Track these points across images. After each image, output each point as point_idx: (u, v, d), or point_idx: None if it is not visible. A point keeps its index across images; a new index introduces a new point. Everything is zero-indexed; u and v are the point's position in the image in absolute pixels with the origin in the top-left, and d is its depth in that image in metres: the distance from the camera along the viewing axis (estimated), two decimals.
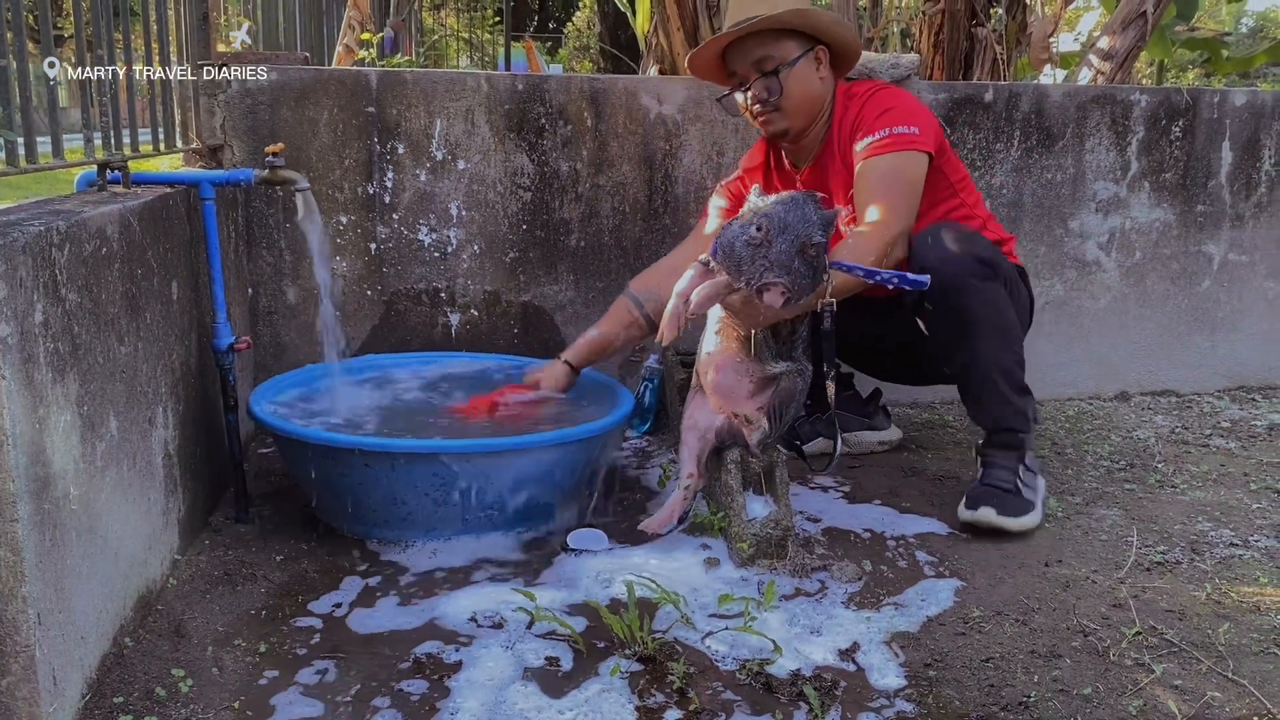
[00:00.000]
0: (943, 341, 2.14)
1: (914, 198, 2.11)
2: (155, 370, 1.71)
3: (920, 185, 2.12)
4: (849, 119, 2.20)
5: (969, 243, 2.09)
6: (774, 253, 1.78)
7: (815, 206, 1.85)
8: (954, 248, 2.07)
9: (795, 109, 2.20)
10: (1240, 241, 3.15)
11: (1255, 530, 2.11)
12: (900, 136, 2.11)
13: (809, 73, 2.20)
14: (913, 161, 2.12)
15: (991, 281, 2.09)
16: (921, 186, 2.13)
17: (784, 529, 1.88)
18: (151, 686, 1.44)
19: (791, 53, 2.18)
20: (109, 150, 1.93)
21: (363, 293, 2.66)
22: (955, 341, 2.12)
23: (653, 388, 2.66)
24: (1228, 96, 3.07)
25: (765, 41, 2.17)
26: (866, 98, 2.20)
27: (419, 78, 2.60)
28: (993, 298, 2.09)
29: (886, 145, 2.11)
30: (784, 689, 1.49)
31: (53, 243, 1.30)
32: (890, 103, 2.17)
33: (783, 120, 2.22)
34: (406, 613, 1.69)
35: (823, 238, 1.82)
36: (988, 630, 1.68)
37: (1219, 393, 3.19)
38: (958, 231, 2.12)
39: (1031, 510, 2.10)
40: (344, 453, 1.87)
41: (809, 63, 2.20)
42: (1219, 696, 1.49)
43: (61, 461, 1.31)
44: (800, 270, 1.79)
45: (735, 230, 1.85)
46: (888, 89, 2.23)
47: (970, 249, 2.08)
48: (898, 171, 2.10)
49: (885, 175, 2.10)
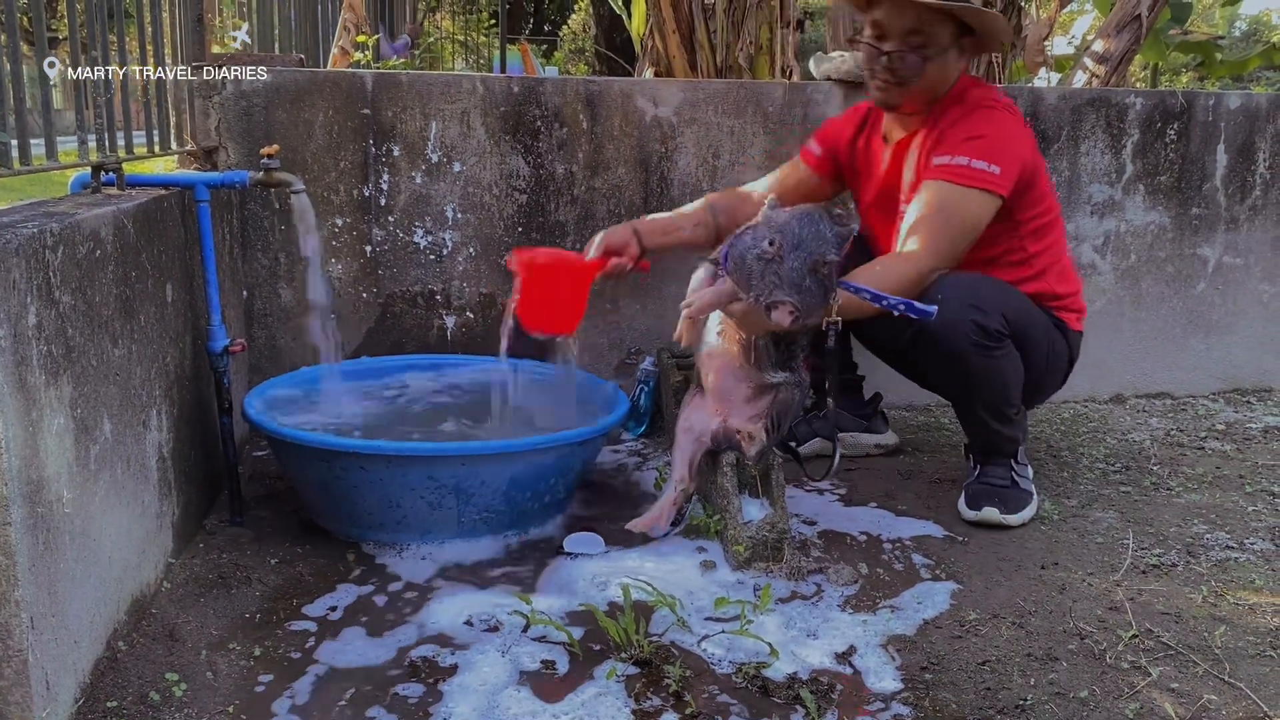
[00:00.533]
0: (934, 386, 2.16)
1: (962, 239, 2.02)
2: (149, 373, 1.70)
3: (978, 228, 2.03)
4: (946, 120, 2.11)
5: (978, 310, 1.99)
6: (785, 269, 1.73)
7: (830, 224, 1.80)
8: (961, 313, 1.98)
9: (919, 93, 2.11)
10: (1235, 244, 3.15)
11: (1251, 533, 2.11)
12: (976, 172, 2.01)
13: (950, 61, 2.10)
14: (977, 202, 2.01)
15: (996, 353, 2.01)
16: (979, 229, 2.03)
17: (780, 532, 1.87)
18: (145, 691, 1.43)
19: (944, 38, 2.06)
20: (103, 152, 1.93)
21: (358, 295, 2.65)
22: (947, 391, 2.14)
23: (648, 390, 2.66)
24: (1222, 99, 3.08)
25: (929, 17, 2.04)
26: (970, 109, 2.09)
27: (414, 80, 2.60)
28: (994, 369, 2.03)
29: (958, 175, 2.01)
30: (780, 692, 1.49)
31: (46, 245, 1.30)
32: (986, 129, 2.05)
33: (900, 97, 2.12)
34: (401, 616, 1.68)
35: (836, 256, 1.77)
36: (984, 633, 1.67)
37: (1214, 395, 3.20)
38: (976, 292, 2.01)
39: (1030, 501, 2.16)
40: (339, 455, 1.86)
41: (954, 51, 2.10)
42: (1215, 699, 1.49)
43: (55, 465, 1.30)
44: (811, 289, 1.74)
45: (747, 242, 1.80)
46: (993, 109, 2.10)
47: (975, 318, 1.98)
48: (956, 208, 2.01)
49: (942, 207, 2.01)
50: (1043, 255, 2.19)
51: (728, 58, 3.67)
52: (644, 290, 2.77)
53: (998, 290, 2.06)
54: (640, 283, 2.18)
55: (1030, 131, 2.15)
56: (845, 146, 2.33)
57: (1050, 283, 2.20)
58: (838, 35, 5.10)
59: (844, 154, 2.34)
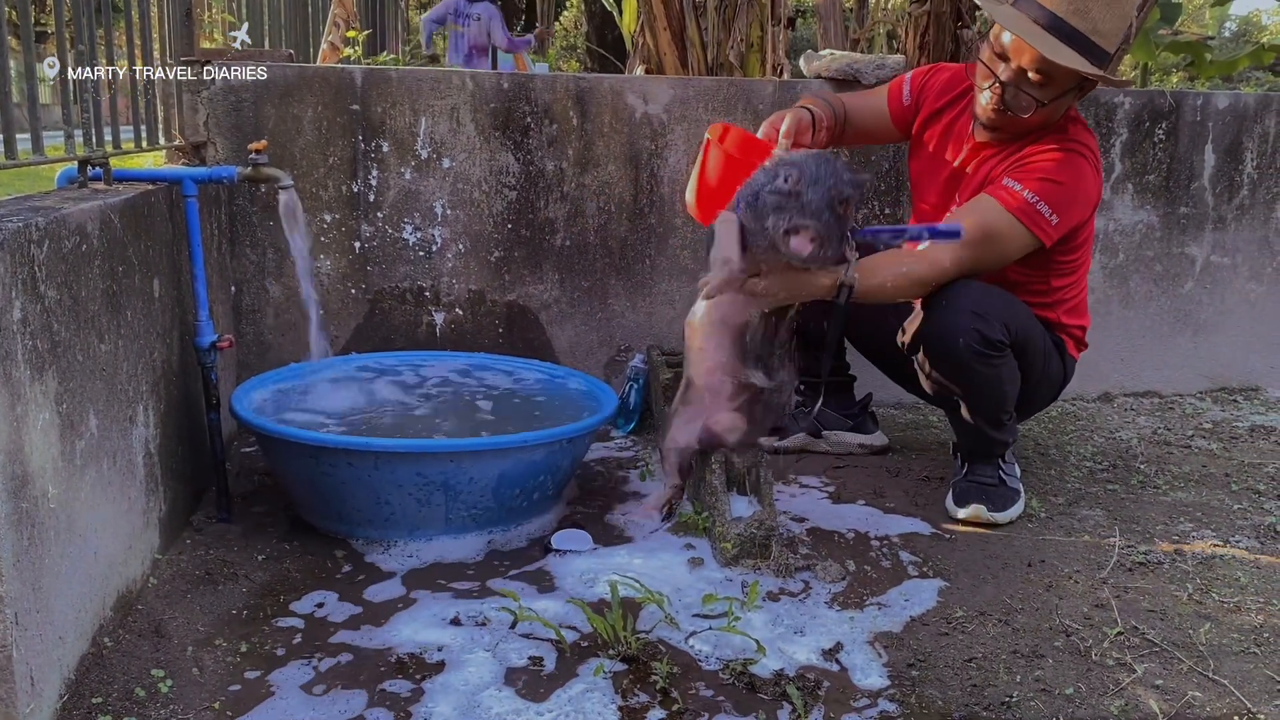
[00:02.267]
0: (932, 386, 2.13)
1: (990, 264, 2.01)
2: (136, 368, 1.70)
3: (1007, 259, 2.02)
4: (1036, 148, 2.05)
5: (983, 319, 1.97)
6: (805, 201, 1.71)
7: (846, 167, 1.79)
8: (967, 320, 1.97)
9: (1026, 127, 2.05)
10: (1222, 243, 3.17)
11: (1236, 531, 2.12)
12: (1036, 213, 1.97)
13: (1065, 104, 2.05)
14: (1020, 238, 1.99)
15: (995, 361, 2.01)
16: (1008, 261, 2.03)
17: (768, 529, 1.88)
18: (131, 687, 1.43)
19: (1067, 84, 2.00)
20: (90, 147, 1.92)
21: (347, 291, 2.64)
22: (945, 394, 2.12)
23: (638, 388, 2.66)
24: (1211, 99, 3.09)
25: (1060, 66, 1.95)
26: (1063, 147, 2.03)
27: (404, 76, 2.59)
28: (992, 377, 2.03)
29: (1019, 206, 1.98)
30: (767, 689, 1.49)
31: (32, 239, 1.29)
32: (1065, 176, 2.00)
33: (1004, 126, 2.06)
34: (389, 613, 1.68)
35: (854, 193, 1.75)
36: (971, 630, 1.68)
37: (1201, 394, 3.21)
38: (981, 300, 1.99)
39: (1018, 499, 2.16)
40: (327, 452, 1.86)
41: (1073, 96, 2.05)
42: (1200, 696, 1.49)
43: (40, 460, 1.30)
44: (830, 222, 1.72)
45: (760, 180, 1.77)
46: (1085, 161, 2.04)
47: (978, 327, 1.97)
48: (999, 234, 1.98)
49: (988, 230, 1.98)
50: (1063, 290, 2.19)
51: (719, 55, 3.67)
52: (634, 288, 2.77)
53: (1003, 301, 2.04)
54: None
55: (1100, 181, 2.10)
56: (930, 113, 2.25)
57: (1060, 314, 2.20)
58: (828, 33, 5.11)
59: (926, 116, 2.26)
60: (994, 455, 2.18)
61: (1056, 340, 2.20)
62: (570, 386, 2.35)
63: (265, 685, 1.46)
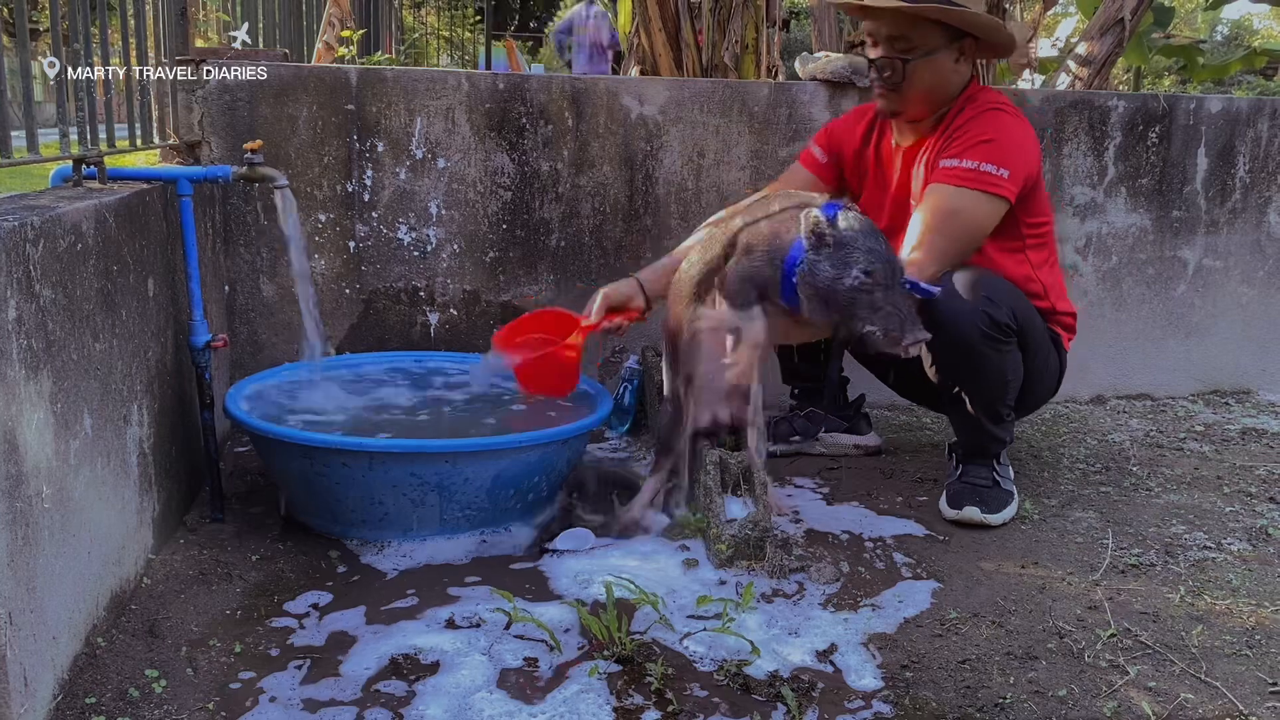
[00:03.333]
0: (938, 375, 2.12)
1: (966, 244, 2.04)
2: (130, 367, 1.69)
3: (983, 231, 2.05)
4: (955, 124, 2.11)
5: (991, 303, 1.99)
6: (891, 299, 1.75)
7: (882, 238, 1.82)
8: (974, 304, 1.99)
9: (915, 97, 2.11)
10: (1215, 247, 3.18)
11: (1228, 533, 2.13)
12: (984, 175, 2.01)
13: (943, 65, 2.09)
14: (985, 206, 2.02)
15: (1002, 347, 2.02)
16: (984, 233, 2.05)
17: (762, 530, 1.88)
18: (124, 687, 1.42)
19: (932, 42, 2.07)
20: (85, 145, 1.91)
21: (341, 291, 2.64)
22: (950, 382, 2.11)
23: (632, 389, 2.66)
24: (1203, 103, 3.10)
25: (907, 22, 2.06)
26: (980, 113, 2.09)
27: (399, 76, 2.59)
28: (998, 363, 2.04)
29: (966, 178, 2.02)
30: (762, 690, 1.49)
31: (27, 238, 1.29)
32: (996, 133, 2.05)
33: (897, 103, 2.13)
34: (383, 613, 1.68)
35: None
36: (964, 632, 1.68)
37: (1193, 396, 3.22)
38: (987, 285, 2.02)
39: (1012, 500, 2.17)
40: (321, 452, 1.86)
41: (947, 55, 2.09)
42: (1192, 698, 1.50)
43: (34, 459, 1.29)
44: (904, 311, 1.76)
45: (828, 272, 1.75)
46: (1004, 113, 2.10)
47: (988, 310, 1.98)
48: (962, 211, 2.02)
49: (949, 211, 2.01)
50: (1043, 269, 2.21)
51: (713, 56, 3.67)
52: None
53: (1008, 289, 2.07)
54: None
55: (1030, 128, 2.14)
56: (852, 153, 2.32)
57: (1053, 301, 2.23)
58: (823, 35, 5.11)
59: (850, 159, 2.33)
60: (990, 454, 2.19)
61: (1052, 333, 2.22)
62: None
63: (259, 686, 1.46)
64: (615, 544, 1.96)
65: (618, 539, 1.98)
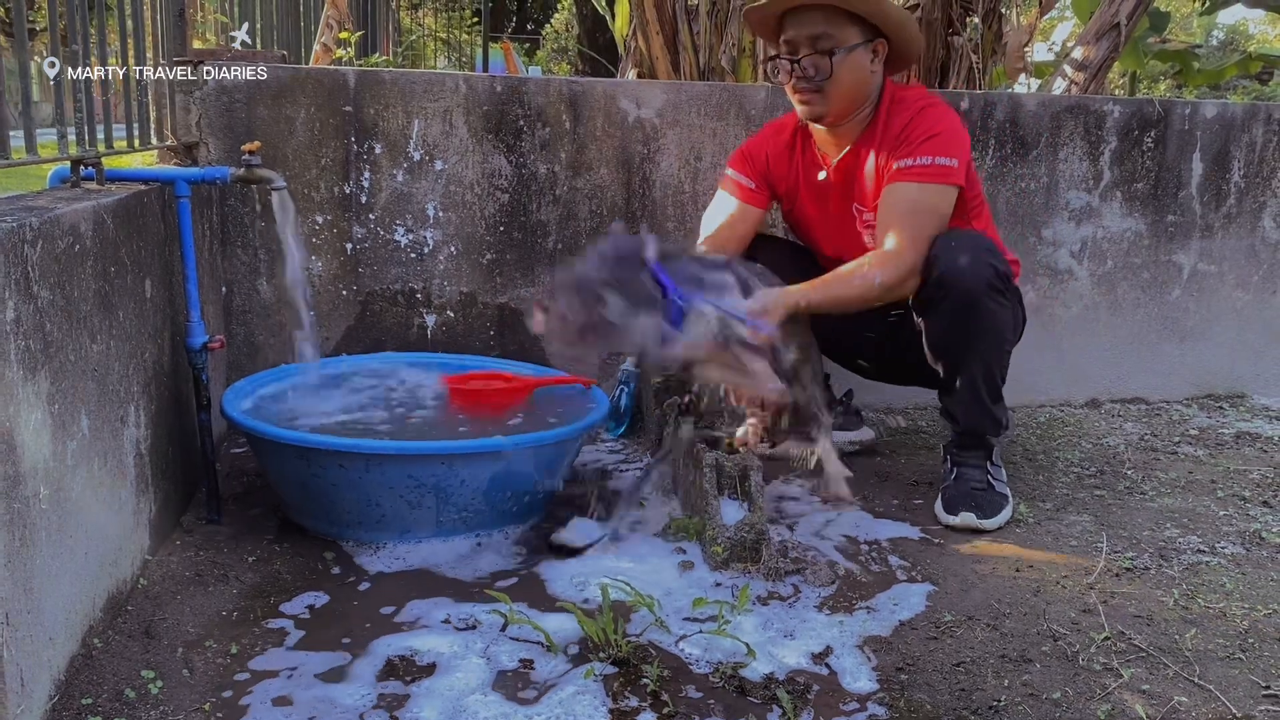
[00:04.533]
0: (939, 342, 2.15)
1: (934, 233, 2.11)
2: (128, 369, 1.70)
3: (945, 220, 2.14)
4: (895, 127, 2.17)
5: (991, 255, 2.08)
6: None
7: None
8: (977, 257, 2.06)
9: (839, 96, 2.16)
10: (1209, 251, 3.19)
11: (1222, 537, 2.13)
12: (941, 169, 2.11)
13: (862, 63, 2.15)
14: (944, 196, 2.13)
15: (1003, 298, 2.10)
16: (946, 220, 2.14)
17: (758, 533, 1.88)
18: (121, 688, 1.42)
19: (851, 39, 2.14)
20: (83, 146, 1.91)
21: (338, 293, 2.64)
22: (952, 346, 2.14)
23: (629, 391, 2.66)
24: (1199, 108, 3.11)
25: (829, 19, 2.12)
26: (917, 111, 2.17)
27: (397, 78, 2.59)
28: (1001, 314, 2.10)
29: (925, 174, 2.11)
30: (757, 692, 1.50)
31: (25, 239, 1.29)
32: (938, 126, 2.15)
33: (822, 104, 2.17)
34: (380, 615, 1.68)
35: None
36: (959, 634, 1.69)
37: (1187, 400, 3.23)
38: (981, 241, 2.11)
39: (1006, 504, 2.18)
40: (317, 453, 1.86)
41: (865, 53, 2.15)
42: (1185, 701, 1.51)
43: (31, 460, 1.29)
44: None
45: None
46: (937, 107, 2.19)
47: (992, 262, 2.07)
48: (928, 205, 2.12)
49: (916, 206, 2.11)
50: (988, 230, 2.29)
51: (710, 60, 3.68)
52: None
53: (990, 241, 2.16)
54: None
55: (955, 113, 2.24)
56: (781, 171, 2.35)
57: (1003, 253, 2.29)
58: None
59: (779, 176, 2.36)
60: (987, 444, 2.21)
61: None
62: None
63: (255, 687, 1.46)
64: (612, 546, 1.96)
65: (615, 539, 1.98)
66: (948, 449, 2.27)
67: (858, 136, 2.23)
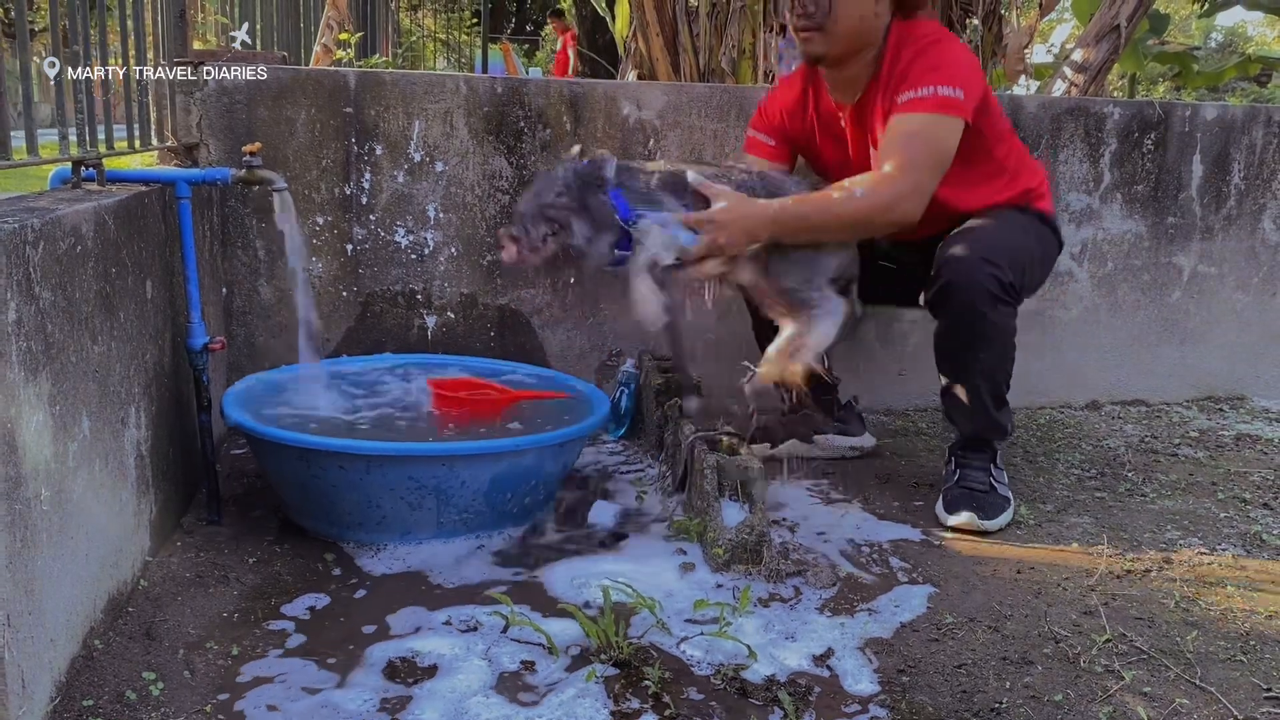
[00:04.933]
0: (944, 346, 2.16)
1: (937, 160, 2.05)
2: (128, 370, 1.69)
3: (949, 152, 2.07)
4: (901, 64, 2.11)
5: (995, 264, 2.05)
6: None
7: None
8: (979, 266, 2.04)
9: (841, 34, 2.10)
10: (1210, 253, 3.19)
11: (1223, 539, 2.13)
12: (942, 99, 2.04)
13: (864, 1, 2.10)
14: (946, 126, 2.05)
15: (1009, 307, 2.09)
16: (950, 154, 2.07)
17: (759, 534, 1.88)
18: (122, 689, 1.42)
19: None
20: (84, 147, 1.91)
21: (338, 294, 2.64)
22: (956, 352, 2.14)
23: (629, 392, 2.66)
24: (1199, 110, 3.11)
25: None
26: (922, 48, 2.10)
27: (397, 79, 2.59)
28: (1005, 324, 2.10)
29: (923, 104, 2.05)
30: (759, 694, 1.49)
31: (27, 240, 1.29)
32: (943, 58, 2.08)
33: (823, 43, 2.12)
34: (380, 617, 1.68)
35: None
36: (960, 636, 1.69)
37: (1188, 403, 3.23)
38: (984, 246, 2.08)
39: (1008, 506, 2.18)
40: (317, 455, 1.86)
41: None
42: (1187, 703, 1.50)
43: (33, 461, 1.29)
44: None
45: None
46: (945, 41, 2.13)
47: (994, 272, 2.04)
48: (927, 134, 2.05)
49: (913, 134, 2.05)
50: (1009, 158, 2.24)
51: (711, 61, 3.68)
52: (625, 293, 2.77)
53: (997, 231, 2.12)
54: None
55: (968, 48, 2.18)
56: (797, 123, 2.32)
57: (1025, 180, 2.25)
58: None
59: (797, 129, 2.33)
60: (990, 446, 2.21)
61: (1039, 214, 2.26)
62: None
63: (255, 689, 1.46)
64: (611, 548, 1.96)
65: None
66: (952, 450, 2.26)
67: (867, 82, 2.18)
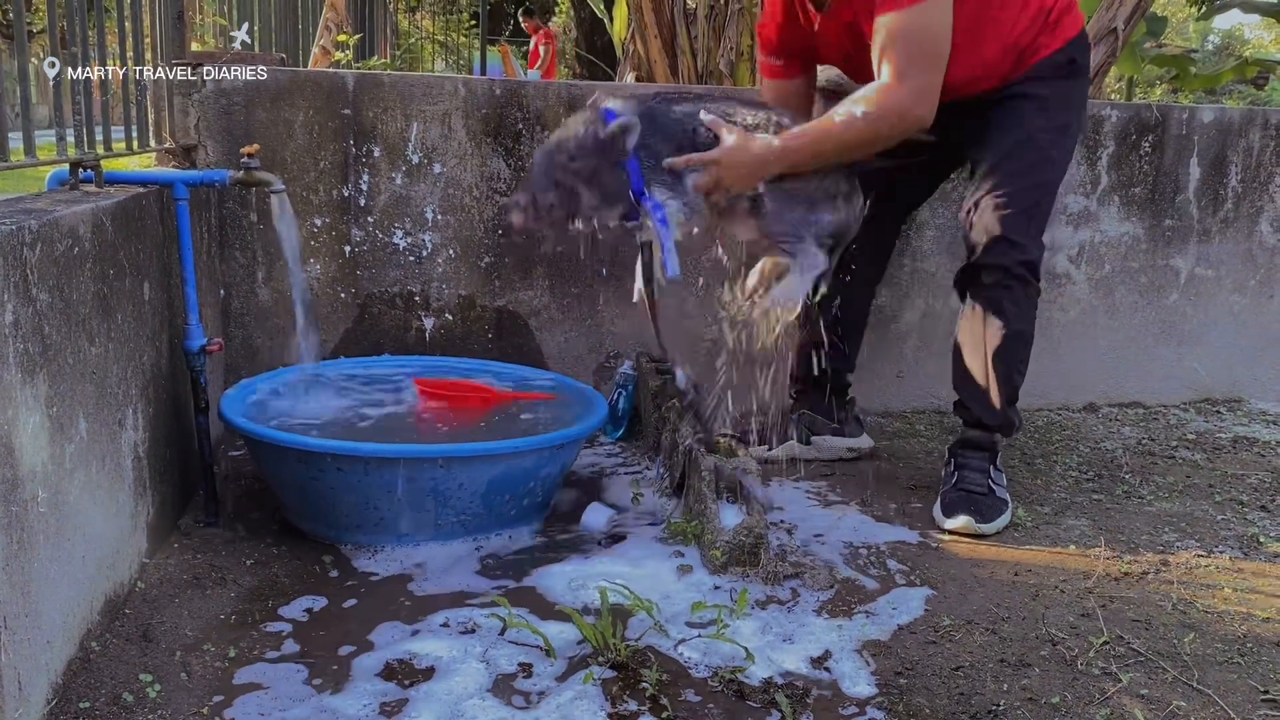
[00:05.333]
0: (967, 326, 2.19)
1: (933, 56, 1.99)
2: (126, 371, 1.69)
3: (944, 40, 1.98)
4: None
5: (1015, 242, 2.07)
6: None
7: None
8: (1002, 243, 2.07)
9: None
10: (1207, 256, 3.19)
11: (1220, 541, 2.13)
12: None
13: None
14: (931, 12, 1.96)
15: (1029, 287, 2.12)
16: (946, 41, 1.99)
17: (757, 537, 1.88)
18: (118, 692, 1.42)
19: None
20: (81, 148, 1.91)
21: (336, 295, 2.64)
22: (977, 331, 2.17)
23: (627, 394, 2.66)
24: (1196, 113, 3.12)
25: None
26: None
27: (396, 81, 2.59)
28: (1024, 306, 2.13)
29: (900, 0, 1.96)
30: (756, 696, 1.50)
31: (24, 242, 1.29)
32: None
33: None
34: (377, 619, 1.68)
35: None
36: (958, 639, 1.69)
37: (1185, 405, 3.23)
38: (1010, 217, 2.07)
39: (1005, 509, 2.18)
40: (315, 456, 1.86)
41: None
42: (1184, 705, 1.51)
43: (30, 463, 1.29)
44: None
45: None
46: None
47: (1017, 251, 2.07)
48: (915, 27, 1.96)
49: (899, 32, 1.97)
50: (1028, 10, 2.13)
51: (709, 63, 3.69)
52: (623, 295, 2.78)
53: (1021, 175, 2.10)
54: None
55: None
56: (795, 34, 2.25)
57: (1057, 12, 2.14)
58: None
59: (796, 41, 2.27)
60: (994, 444, 2.23)
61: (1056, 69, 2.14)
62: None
63: (253, 691, 1.45)
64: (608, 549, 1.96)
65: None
66: (953, 449, 2.26)
67: None
